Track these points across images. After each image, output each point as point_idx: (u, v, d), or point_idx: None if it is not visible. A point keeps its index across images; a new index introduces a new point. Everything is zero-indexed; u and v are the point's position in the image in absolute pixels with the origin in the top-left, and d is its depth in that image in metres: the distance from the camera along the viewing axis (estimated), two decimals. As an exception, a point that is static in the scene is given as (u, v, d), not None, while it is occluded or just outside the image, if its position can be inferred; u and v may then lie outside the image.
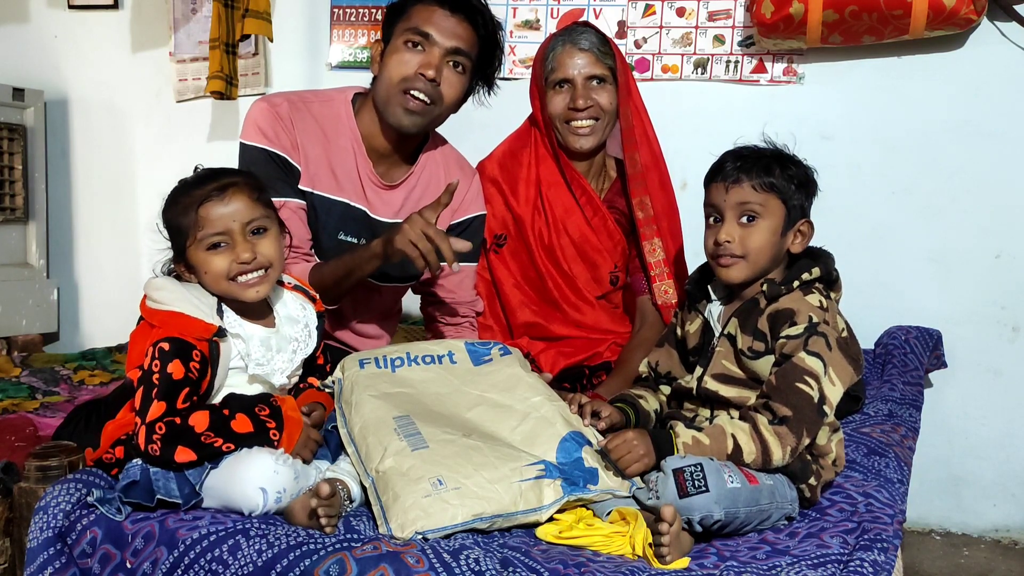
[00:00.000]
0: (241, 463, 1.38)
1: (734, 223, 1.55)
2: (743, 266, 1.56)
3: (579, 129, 2.08)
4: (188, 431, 1.38)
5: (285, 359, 1.55)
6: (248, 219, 1.48)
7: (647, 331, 2.12)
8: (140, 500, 1.37)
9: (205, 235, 1.46)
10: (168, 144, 3.45)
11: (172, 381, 1.39)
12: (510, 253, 2.18)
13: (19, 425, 2.07)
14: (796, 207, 1.56)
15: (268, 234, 1.51)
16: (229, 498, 1.37)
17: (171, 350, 1.40)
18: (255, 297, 1.50)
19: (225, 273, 1.47)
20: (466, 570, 1.21)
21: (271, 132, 1.86)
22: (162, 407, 1.38)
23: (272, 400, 1.48)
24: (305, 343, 1.60)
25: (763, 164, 1.55)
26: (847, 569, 1.27)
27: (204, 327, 1.44)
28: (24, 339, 3.32)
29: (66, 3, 3.53)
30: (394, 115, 1.88)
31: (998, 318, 2.68)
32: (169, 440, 1.37)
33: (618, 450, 1.46)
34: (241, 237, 1.47)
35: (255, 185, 1.52)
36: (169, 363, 1.39)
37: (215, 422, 1.39)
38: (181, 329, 1.43)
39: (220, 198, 1.47)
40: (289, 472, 1.38)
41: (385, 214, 2.00)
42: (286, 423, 1.45)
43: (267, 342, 1.54)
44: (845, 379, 1.49)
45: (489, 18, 1.93)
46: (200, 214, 1.46)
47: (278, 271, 1.54)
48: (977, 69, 2.64)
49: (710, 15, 2.87)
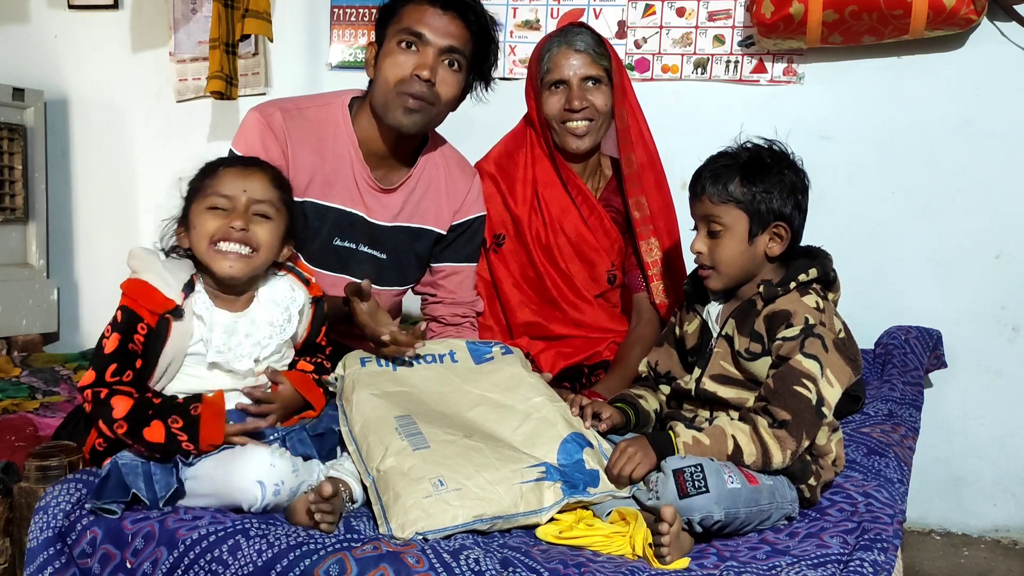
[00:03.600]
0: (237, 457, 1.38)
1: (703, 235, 1.59)
2: (716, 276, 1.59)
3: (575, 130, 2.08)
4: (107, 409, 1.39)
5: (252, 343, 1.52)
6: (257, 198, 1.51)
7: (644, 328, 2.12)
8: (116, 497, 1.36)
9: (213, 193, 1.50)
10: (168, 144, 3.45)
11: (103, 354, 1.42)
12: (509, 253, 2.19)
13: (19, 425, 2.07)
14: (763, 212, 1.54)
15: (269, 223, 1.52)
16: (227, 492, 1.37)
17: (120, 321, 1.42)
18: (227, 272, 1.48)
19: (211, 234, 1.48)
20: (466, 570, 1.22)
21: (258, 145, 1.85)
22: (91, 376, 1.41)
23: (192, 409, 1.41)
24: (283, 327, 1.56)
25: (724, 174, 1.55)
26: (847, 569, 1.27)
27: (161, 300, 1.44)
28: (24, 339, 3.32)
29: (66, 3, 3.53)
30: (393, 117, 1.87)
31: (998, 318, 2.68)
32: (93, 409, 1.41)
33: (616, 465, 1.47)
34: (243, 210, 1.50)
35: (280, 180, 1.57)
36: (107, 336, 1.42)
37: (133, 416, 1.39)
38: (138, 297, 1.43)
39: (242, 170, 1.53)
40: (287, 465, 1.38)
41: (383, 218, 1.99)
42: (202, 430, 1.40)
43: (232, 327, 1.51)
44: (843, 380, 1.49)
45: (481, 13, 1.91)
46: (218, 176, 1.52)
47: (263, 260, 1.53)
48: (977, 69, 2.64)
49: (710, 15, 2.87)
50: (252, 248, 1.49)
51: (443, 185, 2.06)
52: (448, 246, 2.10)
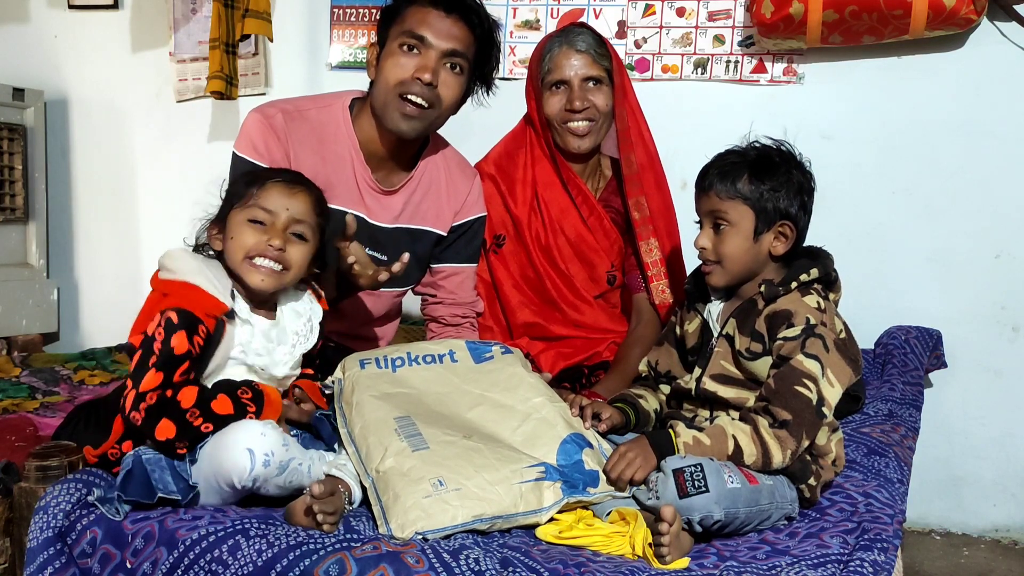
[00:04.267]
0: (229, 430, 1.39)
1: (709, 230, 1.59)
2: (720, 272, 1.59)
3: (576, 130, 2.08)
4: (175, 405, 1.39)
5: (285, 351, 1.57)
6: (297, 218, 1.54)
7: (643, 328, 2.12)
8: (139, 498, 1.37)
9: (256, 205, 1.52)
10: (168, 144, 3.45)
11: (174, 355, 1.40)
12: (509, 254, 2.19)
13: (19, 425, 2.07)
14: (770, 211, 1.55)
15: (304, 244, 1.56)
16: (219, 466, 1.37)
17: (179, 322, 1.41)
18: (259, 285, 1.52)
19: (249, 248, 1.51)
20: (466, 570, 1.22)
21: (262, 146, 1.85)
22: (158, 378, 1.39)
23: (255, 384, 1.49)
24: (306, 337, 1.61)
25: (733, 171, 1.55)
26: (847, 569, 1.27)
27: (216, 304, 1.46)
28: (24, 339, 3.32)
29: (66, 3, 3.53)
30: (392, 120, 1.87)
31: (998, 318, 2.68)
32: (154, 412, 1.38)
33: (615, 469, 1.46)
34: (282, 228, 1.53)
35: (321, 205, 1.60)
36: (174, 335, 1.40)
37: (201, 400, 1.40)
38: (192, 301, 1.44)
39: (288, 188, 1.55)
40: (277, 437, 1.38)
41: (384, 219, 1.99)
42: (266, 405, 1.46)
43: (268, 334, 1.55)
44: (843, 380, 1.49)
45: (484, 17, 1.91)
46: (264, 188, 1.54)
47: (292, 278, 1.57)
48: (977, 69, 2.64)
49: (710, 15, 2.87)
50: (284, 267, 1.53)
51: (444, 186, 2.06)
52: (448, 247, 2.10)
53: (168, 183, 3.45)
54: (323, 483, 1.36)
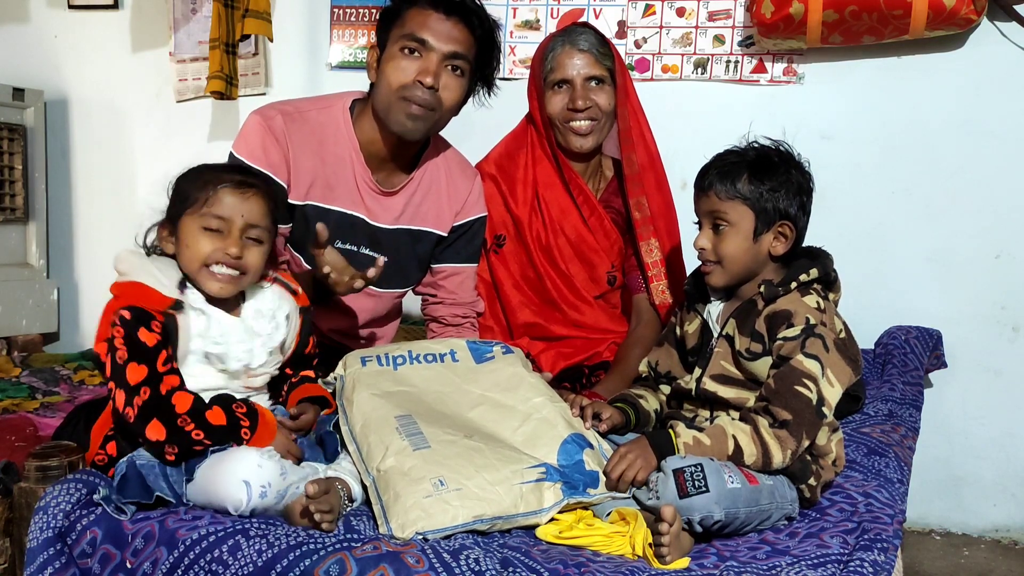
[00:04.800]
0: (225, 458, 1.39)
1: (708, 231, 1.59)
2: (720, 272, 1.59)
3: (578, 129, 2.08)
4: (168, 408, 1.38)
5: (244, 349, 1.53)
6: (252, 223, 1.51)
7: (643, 329, 2.12)
8: (138, 498, 1.36)
9: (209, 213, 1.48)
10: (168, 144, 3.45)
11: (147, 347, 1.40)
12: (509, 254, 2.19)
13: (19, 425, 2.08)
14: (769, 211, 1.55)
15: (260, 247, 1.53)
16: (214, 494, 1.37)
17: (132, 318, 1.41)
18: (218, 292, 1.50)
19: (205, 257, 1.48)
20: (466, 570, 1.22)
21: (259, 149, 1.85)
22: (143, 371, 1.39)
23: (252, 403, 1.48)
24: (270, 335, 1.57)
25: (732, 171, 1.55)
26: (847, 569, 1.27)
27: (160, 298, 1.44)
28: (24, 339, 3.32)
29: (66, 3, 3.53)
30: (396, 122, 1.86)
31: (998, 318, 2.68)
32: (147, 410, 1.37)
33: (616, 471, 1.46)
34: (238, 234, 1.49)
35: (275, 201, 1.56)
36: (136, 330, 1.40)
37: (195, 408, 1.40)
38: (139, 297, 1.43)
39: (241, 191, 1.50)
40: (274, 467, 1.38)
41: (385, 220, 1.99)
42: (260, 427, 1.45)
43: (229, 328, 1.52)
44: (843, 380, 1.49)
45: (485, 18, 1.90)
46: (216, 193, 1.49)
47: (250, 280, 1.55)
48: (977, 69, 2.64)
49: (710, 15, 2.87)
50: (242, 272, 1.51)
51: (444, 187, 2.06)
52: (449, 247, 2.10)
53: (168, 183, 3.44)
54: (317, 482, 1.36)
